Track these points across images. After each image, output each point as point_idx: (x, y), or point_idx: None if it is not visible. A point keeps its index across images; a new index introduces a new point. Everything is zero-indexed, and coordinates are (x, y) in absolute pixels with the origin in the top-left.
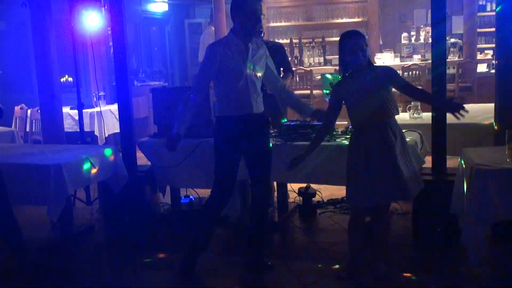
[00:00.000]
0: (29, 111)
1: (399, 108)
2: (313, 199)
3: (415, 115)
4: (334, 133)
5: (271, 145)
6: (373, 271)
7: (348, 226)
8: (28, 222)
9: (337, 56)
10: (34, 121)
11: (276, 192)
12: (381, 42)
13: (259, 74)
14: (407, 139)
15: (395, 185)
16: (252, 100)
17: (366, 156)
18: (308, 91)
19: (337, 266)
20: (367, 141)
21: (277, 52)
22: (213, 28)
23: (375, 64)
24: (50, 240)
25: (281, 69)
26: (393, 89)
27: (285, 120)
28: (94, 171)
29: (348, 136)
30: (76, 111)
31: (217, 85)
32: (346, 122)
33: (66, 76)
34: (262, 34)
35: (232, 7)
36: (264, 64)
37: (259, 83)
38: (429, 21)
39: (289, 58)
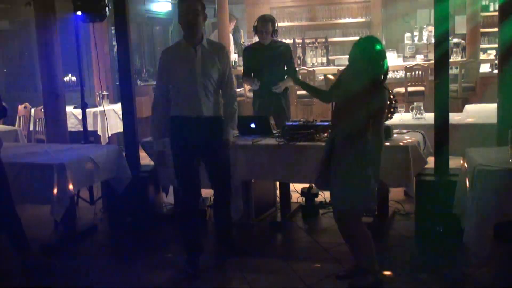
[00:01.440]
0: (32, 110)
1: (401, 109)
2: (316, 199)
3: (417, 115)
4: None
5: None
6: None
7: None
8: (31, 221)
9: (341, 57)
10: (37, 120)
11: (278, 192)
12: (384, 42)
13: (210, 77)
14: (411, 139)
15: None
16: (202, 103)
17: None
18: None
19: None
20: None
21: (284, 52)
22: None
23: None
24: (53, 239)
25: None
26: None
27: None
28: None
29: None
30: (79, 111)
31: (171, 88)
32: None
33: (70, 75)
34: (276, 34)
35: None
36: (217, 67)
37: (211, 86)
38: (432, 21)
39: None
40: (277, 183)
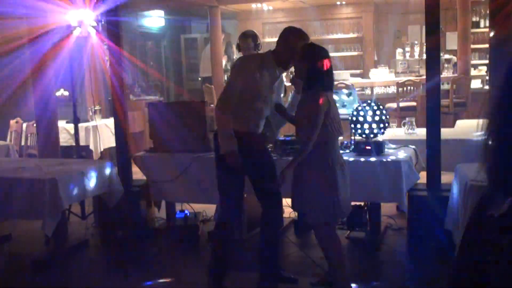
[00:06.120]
0: (24, 125)
1: (393, 124)
2: None
3: (409, 130)
4: None
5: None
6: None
7: None
8: (22, 236)
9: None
10: (29, 135)
11: None
12: (376, 58)
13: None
14: (403, 154)
15: None
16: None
17: None
18: None
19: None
20: None
21: None
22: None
23: None
24: (44, 254)
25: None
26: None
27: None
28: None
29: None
30: (71, 125)
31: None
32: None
33: (62, 90)
34: (259, 50)
35: (284, 36)
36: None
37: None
38: (424, 37)
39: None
40: None
